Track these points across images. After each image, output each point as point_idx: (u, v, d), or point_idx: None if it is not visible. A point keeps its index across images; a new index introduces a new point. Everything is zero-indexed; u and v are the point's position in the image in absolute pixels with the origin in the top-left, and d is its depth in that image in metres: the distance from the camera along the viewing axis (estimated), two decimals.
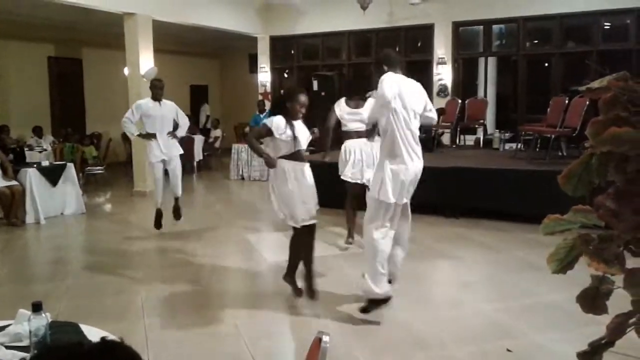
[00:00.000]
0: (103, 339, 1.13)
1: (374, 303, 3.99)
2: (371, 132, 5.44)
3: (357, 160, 5.85)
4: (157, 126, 6.62)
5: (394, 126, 3.87)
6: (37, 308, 1.81)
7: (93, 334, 2.07)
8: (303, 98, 4.38)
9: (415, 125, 3.99)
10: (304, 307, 4.36)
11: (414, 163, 3.93)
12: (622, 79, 1.53)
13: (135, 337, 3.71)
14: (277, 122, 4.29)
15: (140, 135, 6.73)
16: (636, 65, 9.77)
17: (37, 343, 1.75)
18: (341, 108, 5.97)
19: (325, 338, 1.64)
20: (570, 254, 1.68)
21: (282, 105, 4.41)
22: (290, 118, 4.32)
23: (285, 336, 3.96)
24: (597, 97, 1.58)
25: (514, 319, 4.04)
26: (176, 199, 6.91)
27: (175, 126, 6.92)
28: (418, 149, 4.00)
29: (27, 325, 1.87)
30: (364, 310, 4.04)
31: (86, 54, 13.68)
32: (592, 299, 1.69)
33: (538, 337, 3.69)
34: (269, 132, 4.31)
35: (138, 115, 6.59)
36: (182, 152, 6.97)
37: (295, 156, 4.38)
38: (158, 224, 6.70)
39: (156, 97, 6.67)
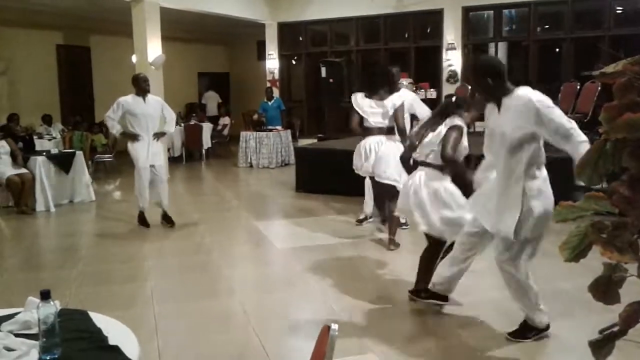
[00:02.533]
0: None
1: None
2: None
3: (367, 154, 5.59)
4: (142, 125, 6.28)
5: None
6: (45, 296, 1.81)
7: (102, 321, 2.07)
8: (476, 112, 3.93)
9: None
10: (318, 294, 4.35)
11: None
12: (637, 63, 1.49)
13: (145, 325, 3.73)
14: (464, 125, 3.85)
15: (124, 134, 6.37)
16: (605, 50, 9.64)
17: (46, 331, 1.75)
18: (357, 103, 5.63)
19: (334, 326, 1.63)
20: (583, 241, 1.65)
21: (456, 111, 3.88)
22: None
23: (294, 324, 3.95)
24: (611, 81, 1.54)
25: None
26: (164, 209, 6.55)
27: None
28: None
29: (35, 313, 1.88)
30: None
31: (94, 42, 13.68)
32: (605, 288, 1.66)
33: (551, 325, 3.66)
34: (461, 136, 3.81)
35: (120, 113, 6.24)
36: (162, 162, 6.66)
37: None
38: (145, 223, 6.48)
39: (140, 92, 6.30)
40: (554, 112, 3.07)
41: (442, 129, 3.85)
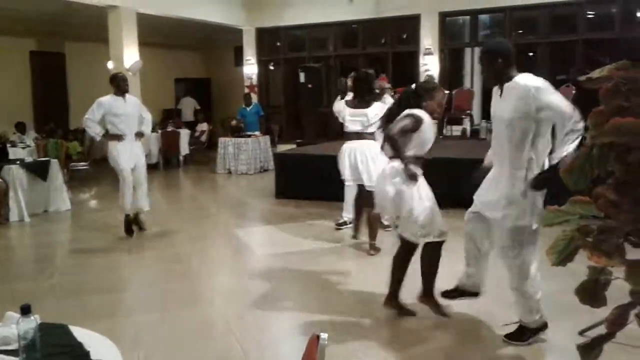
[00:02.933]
0: None
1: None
2: None
3: (353, 162, 5.62)
4: (124, 125, 6.16)
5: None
6: (25, 311, 1.76)
7: (83, 335, 2.02)
8: (442, 96, 3.90)
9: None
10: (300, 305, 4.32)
11: None
12: (622, 68, 1.50)
13: (125, 336, 3.65)
14: (425, 117, 3.68)
15: (105, 135, 6.22)
16: (622, 54, 9.83)
17: (26, 346, 1.70)
18: (338, 109, 5.74)
19: (323, 335, 1.60)
20: (570, 246, 1.66)
21: (417, 102, 3.75)
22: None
23: (277, 331, 3.91)
24: (597, 87, 1.55)
25: (507, 309, 4.02)
26: (139, 214, 6.44)
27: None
28: None
29: (15, 328, 1.82)
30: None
31: (69, 48, 13.47)
32: (592, 291, 1.67)
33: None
34: (415, 128, 3.65)
35: (100, 114, 6.08)
36: (144, 162, 6.52)
37: (421, 161, 3.80)
38: (130, 230, 6.33)
39: (119, 92, 6.18)
40: (553, 96, 3.10)
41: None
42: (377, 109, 5.45)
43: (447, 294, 3.88)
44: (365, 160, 5.56)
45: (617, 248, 1.55)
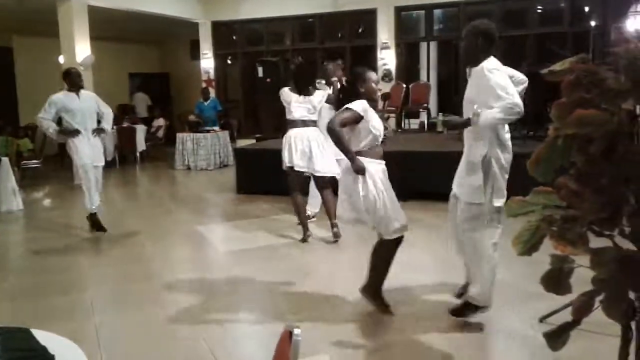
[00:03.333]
0: None
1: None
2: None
3: (304, 150, 5.67)
4: (80, 121, 5.99)
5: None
6: None
7: (46, 338, 1.96)
8: (375, 77, 3.90)
9: None
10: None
11: None
12: (583, 60, 1.54)
13: (87, 337, 3.56)
14: (365, 107, 3.64)
15: (61, 131, 6.03)
16: (571, 47, 10.14)
17: None
18: (286, 96, 5.81)
19: (296, 331, 1.59)
20: (535, 235, 1.70)
21: (354, 89, 3.74)
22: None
23: (243, 328, 3.89)
24: (559, 79, 1.59)
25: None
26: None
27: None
28: None
29: None
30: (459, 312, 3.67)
31: (17, 43, 13.02)
32: (557, 280, 1.72)
33: (493, 315, 3.76)
34: (357, 119, 3.61)
35: (53, 112, 5.92)
36: (103, 162, 6.42)
37: (377, 151, 3.77)
38: (100, 226, 6.24)
39: (73, 88, 6.03)
40: (493, 77, 3.18)
41: None
42: (320, 96, 5.72)
43: (458, 312, 3.67)
44: (315, 147, 5.64)
45: (580, 237, 1.60)
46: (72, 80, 6.03)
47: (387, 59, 11.82)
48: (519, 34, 11.17)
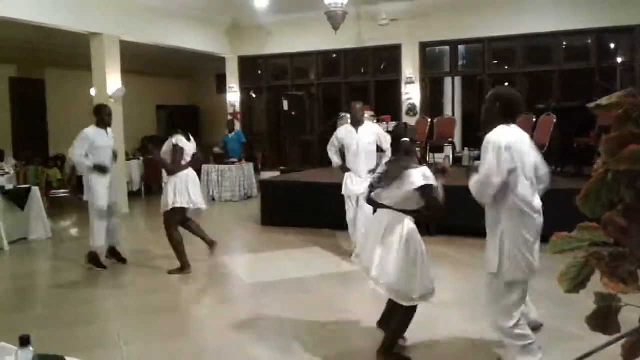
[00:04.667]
0: None
1: None
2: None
3: None
4: (105, 158, 6.04)
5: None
6: (24, 342, 1.71)
7: None
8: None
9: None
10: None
11: None
12: (631, 95, 1.53)
13: None
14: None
15: (95, 167, 5.96)
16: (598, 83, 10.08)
17: None
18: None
19: None
20: (582, 272, 1.66)
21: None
22: None
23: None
24: (605, 113, 1.57)
25: (496, 337, 4.01)
26: (115, 247, 6.38)
27: None
28: None
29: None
30: None
31: (49, 75, 13.39)
32: (605, 319, 1.67)
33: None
34: None
35: (86, 146, 5.91)
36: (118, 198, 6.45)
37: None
38: (100, 263, 6.18)
39: (103, 125, 6.04)
40: (487, 156, 3.17)
41: None
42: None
43: None
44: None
45: (630, 275, 1.56)
46: (103, 117, 6.06)
47: (412, 93, 11.88)
48: (543, 70, 11.17)
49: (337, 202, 6.36)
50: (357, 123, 6.27)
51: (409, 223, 3.52)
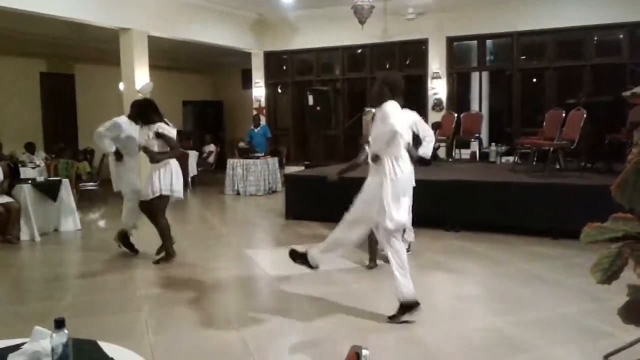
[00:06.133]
0: None
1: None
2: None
3: None
4: (132, 150, 6.22)
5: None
6: (59, 325, 1.74)
7: (113, 351, 1.99)
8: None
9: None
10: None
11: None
12: None
13: (142, 356, 3.59)
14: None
15: (117, 153, 6.19)
16: (629, 78, 9.87)
17: None
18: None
19: (364, 352, 1.56)
20: (615, 263, 1.63)
21: None
22: None
23: (296, 352, 3.86)
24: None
25: (525, 332, 3.97)
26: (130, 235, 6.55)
27: None
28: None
29: (45, 342, 1.80)
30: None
31: (78, 70, 13.62)
32: (638, 311, 1.64)
33: (553, 351, 3.62)
34: None
35: (116, 134, 6.11)
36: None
37: None
38: (129, 244, 6.47)
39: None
40: (391, 119, 3.94)
41: None
42: None
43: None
44: None
45: None
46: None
47: (438, 88, 11.78)
48: (574, 65, 10.97)
49: None
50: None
51: None
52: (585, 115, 7.75)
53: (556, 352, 3.59)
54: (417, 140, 6.33)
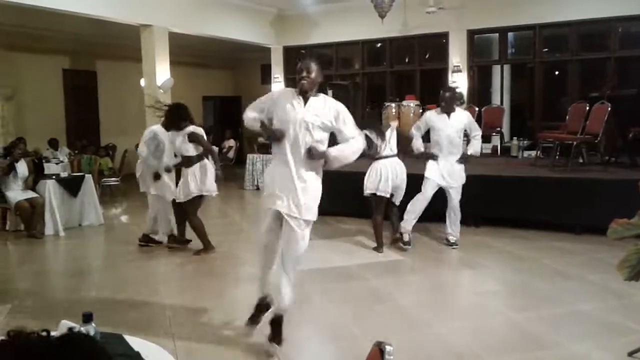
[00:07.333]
0: (70, 329, 1.17)
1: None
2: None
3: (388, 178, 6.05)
4: (166, 157, 6.32)
5: None
6: (87, 319, 1.78)
7: (139, 345, 2.02)
8: None
9: None
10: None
11: None
12: None
13: (165, 350, 3.64)
14: None
15: (156, 175, 6.32)
16: None
17: None
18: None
19: (388, 348, 1.56)
20: None
21: None
22: None
23: (317, 347, 3.88)
24: None
25: (546, 328, 3.94)
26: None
27: None
28: None
29: None
30: None
31: (100, 66, 13.76)
32: None
33: (575, 347, 3.59)
34: None
35: (154, 145, 6.25)
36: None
37: None
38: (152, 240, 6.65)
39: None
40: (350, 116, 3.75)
41: None
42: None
43: None
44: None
45: None
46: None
47: (459, 82, 11.67)
48: (597, 58, 10.79)
49: None
50: (448, 110, 6.19)
51: None
52: (609, 109, 7.63)
53: (578, 349, 3.56)
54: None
